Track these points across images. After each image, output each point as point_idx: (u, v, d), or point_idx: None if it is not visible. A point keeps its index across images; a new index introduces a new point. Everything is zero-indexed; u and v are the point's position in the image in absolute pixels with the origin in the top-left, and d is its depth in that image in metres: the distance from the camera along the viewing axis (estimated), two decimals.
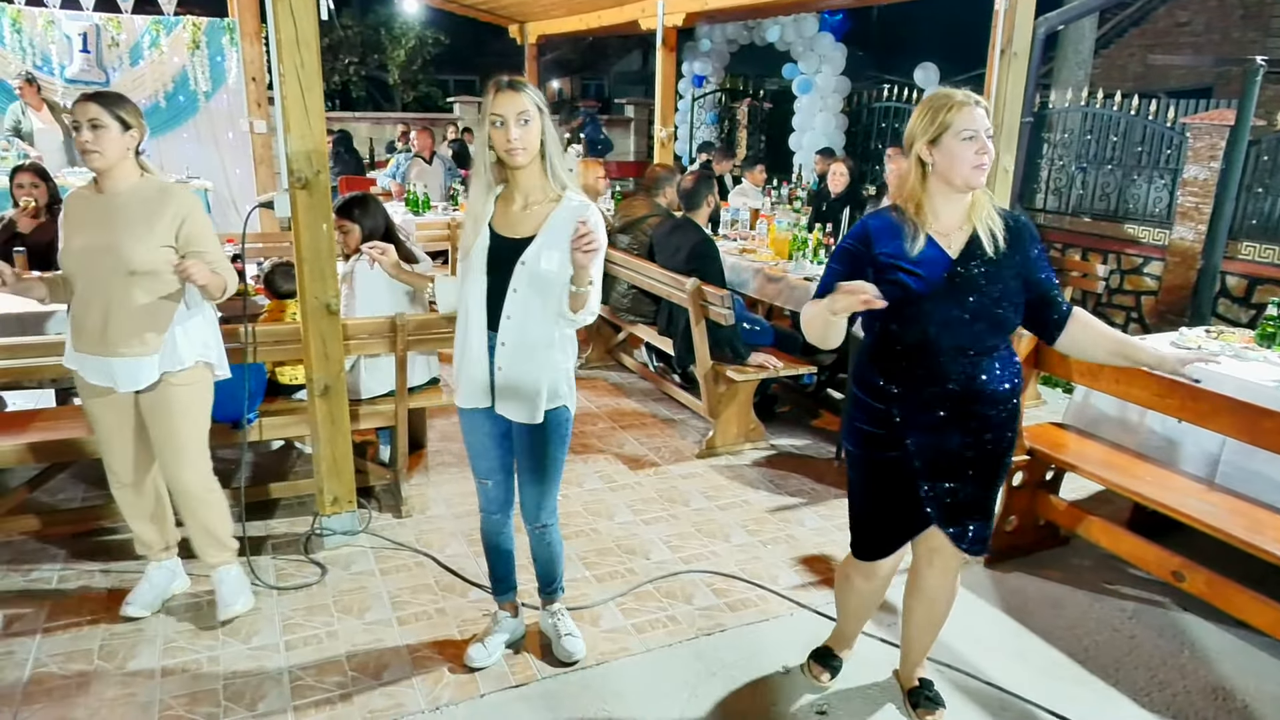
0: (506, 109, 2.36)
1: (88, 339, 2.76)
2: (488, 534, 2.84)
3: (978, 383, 2.26)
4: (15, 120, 7.79)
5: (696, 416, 5.06)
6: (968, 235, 2.25)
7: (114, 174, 2.71)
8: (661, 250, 4.94)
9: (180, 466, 2.89)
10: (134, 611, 3.04)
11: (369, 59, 18.90)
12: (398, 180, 8.51)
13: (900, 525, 2.44)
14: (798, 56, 11.46)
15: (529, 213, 2.49)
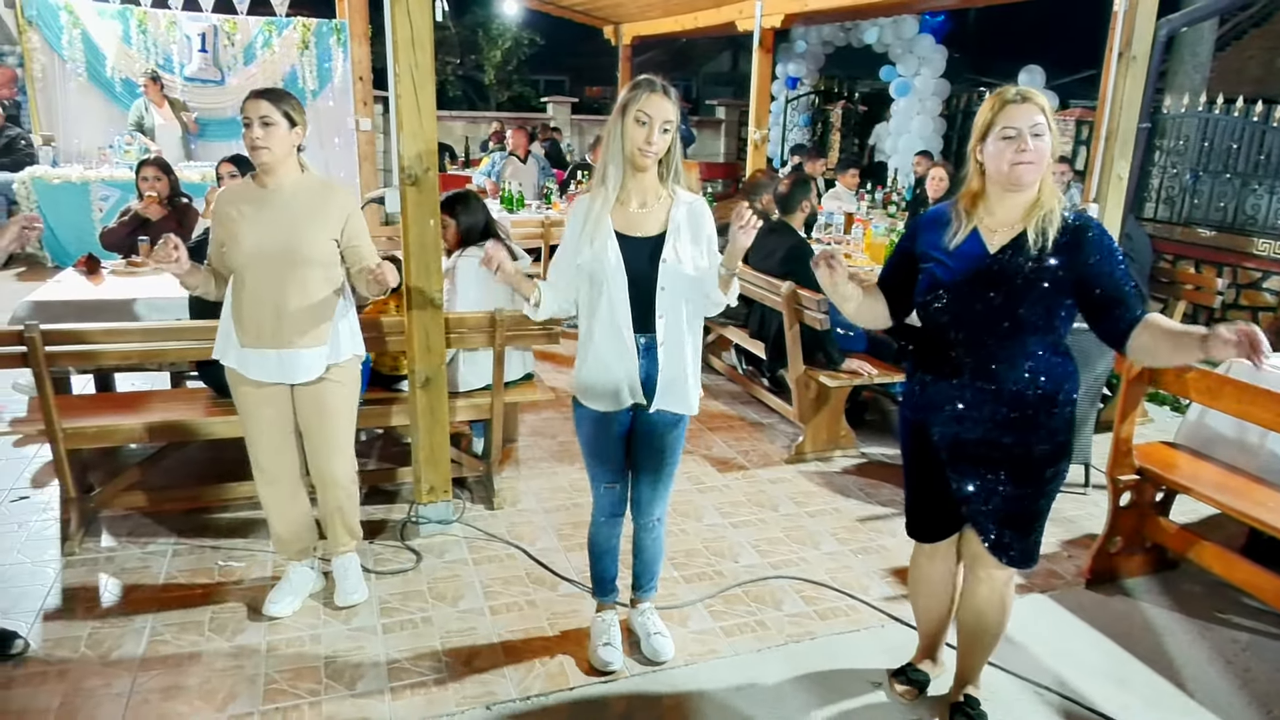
0: (655, 112, 2.39)
1: (258, 333, 2.82)
2: (603, 539, 2.84)
3: (998, 380, 2.25)
4: (139, 116, 8.22)
5: (785, 421, 5.01)
6: (1015, 234, 2.23)
7: (279, 170, 2.79)
8: (756, 253, 4.91)
9: (332, 456, 3.00)
10: (276, 611, 3.06)
11: (466, 59, 19.30)
12: (492, 179, 8.68)
13: (938, 512, 2.49)
14: (896, 58, 11.26)
15: (647, 212, 2.53)
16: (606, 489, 2.76)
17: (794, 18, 7.73)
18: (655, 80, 2.43)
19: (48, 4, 8.51)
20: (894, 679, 2.80)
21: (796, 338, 4.41)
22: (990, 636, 2.57)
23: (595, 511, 2.83)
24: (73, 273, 4.57)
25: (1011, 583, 2.51)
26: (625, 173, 2.50)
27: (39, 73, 8.66)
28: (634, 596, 3.00)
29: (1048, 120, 2.17)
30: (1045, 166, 2.19)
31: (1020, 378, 2.25)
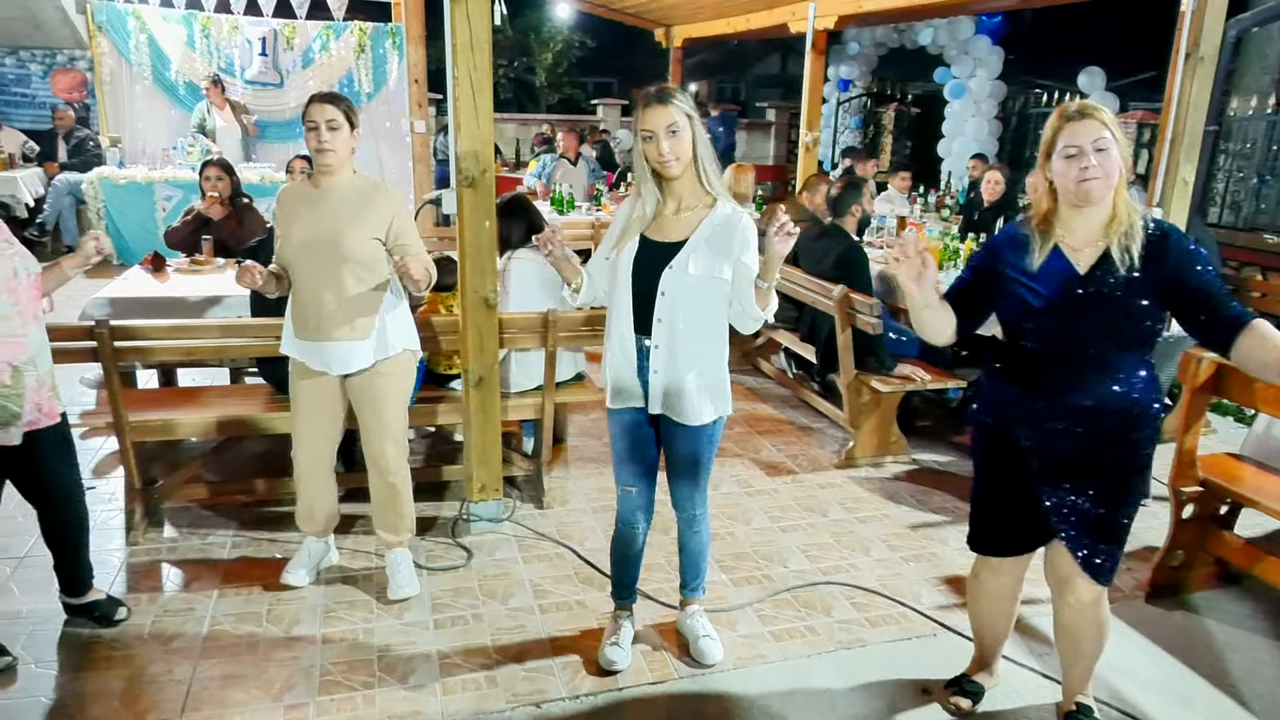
0: (655, 123, 2.41)
1: (304, 325, 2.97)
2: (624, 542, 2.84)
3: (1092, 395, 2.20)
4: (200, 118, 8.44)
5: (835, 425, 4.97)
6: (1100, 252, 2.18)
7: (339, 171, 2.92)
8: (807, 256, 4.88)
9: (383, 440, 3.08)
10: (293, 580, 3.24)
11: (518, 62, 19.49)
12: (543, 180, 8.74)
13: (1013, 526, 2.43)
14: (951, 60, 11.11)
15: (681, 218, 2.54)
16: (624, 491, 2.76)
17: (848, 19, 7.66)
18: (651, 91, 2.44)
19: (117, 10, 8.78)
20: (948, 689, 2.76)
21: (848, 342, 4.37)
22: (1091, 652, 2.52)
23: (618, 515, 2.83)
24: (139, 270, 4.71)
25: (1104, 601, 2.43)
26: (664, 182, 2.52)
27: (107, 77, 8.94)
28: (682, 597, 3.00)
29: (1112, 132, 2.12)
30: (1115, 179, 2.13)
31: (1114, 392, 2.20)
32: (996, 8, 9.04)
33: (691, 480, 2.73)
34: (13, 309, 2.56)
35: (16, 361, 2.56)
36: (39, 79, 10.28)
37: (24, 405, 2.60)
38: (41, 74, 10.28)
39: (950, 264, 5.22)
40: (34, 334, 2.64)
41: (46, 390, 2.69)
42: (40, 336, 2.67)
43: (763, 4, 8.31)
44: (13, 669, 2.76)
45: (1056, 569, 2.42)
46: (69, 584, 2.97)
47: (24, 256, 2.64)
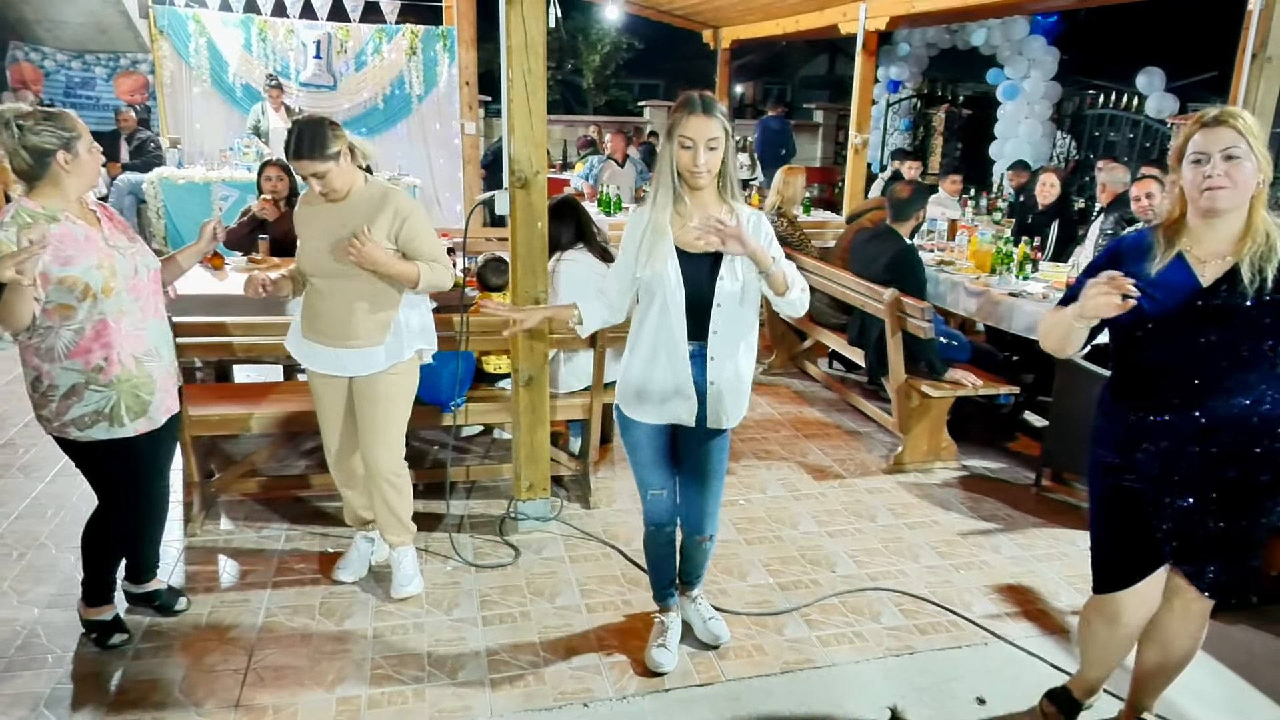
0: (697, 133, 2.39)
1: (318, 330, 3.01)
2: (659, 545, 2.86)
3: (1211, 414, 2.10)
4: (256, 120, 8.61)
5: (883, 430, 4.92)
6: (1228, 267, 2.06)
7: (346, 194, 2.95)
8: (858, 259, 4.84)
9: (376, 448, 3.09)
10: (344, 577, 3.30)
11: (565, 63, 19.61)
12: (590, 182, 8.78)
13: (1133, 557, 2.31)
14: (1004, 61, 10.93)
15: None
16: (654, 496, 2.76)
17: (899, 20, 7.58)
18: (696, 99, 2.42)
19: (178, 14, 9.00)
20: (1047, 703, 2.68)
21: (898, 346, 4.32)
22: (1177, 667, 2.44)
23: (646, 519, 2.84)
24: (199, 268, 4.82)
25: (1206, 614, 2.34)
26: (679, 192, 2.50)
27: (168, 79, 9.16)
28: (684, 585, 3.02)
29: (1249, 142, 2.01)
30: (1244, 192, 2.03)
31: (1237, 411, 2.10)
32: (1052, 7, 8.88)
33: (707, 496, 2.74)
34: (134, 304, 2.66)
35: (138, 353, 2.67)
36: (103, 82, 10.61)
37: (155, 393, 2.72)
38: (106, 77, 10.61)
39: (1004, 268, 5.13)
40: (154, 327, 2.75)
41: (173, 380, 2.84)
42: (161, 329, 2.79)
43: (813, 5, 8.26)
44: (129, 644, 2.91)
45: (1168, 579, 2.33)
46: (135, 571, 3.06)
47: (144, 254, 2.74)
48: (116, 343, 2.61)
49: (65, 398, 2.59)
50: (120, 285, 2.61)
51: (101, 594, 2.92)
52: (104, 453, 2.69)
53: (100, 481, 2.80)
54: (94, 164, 2.60)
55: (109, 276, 2.57)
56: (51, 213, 2.50)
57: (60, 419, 2.61)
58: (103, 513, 2.85)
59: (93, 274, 2.53)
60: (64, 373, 2.57)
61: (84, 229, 2.56)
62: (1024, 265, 5.08)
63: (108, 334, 2.59)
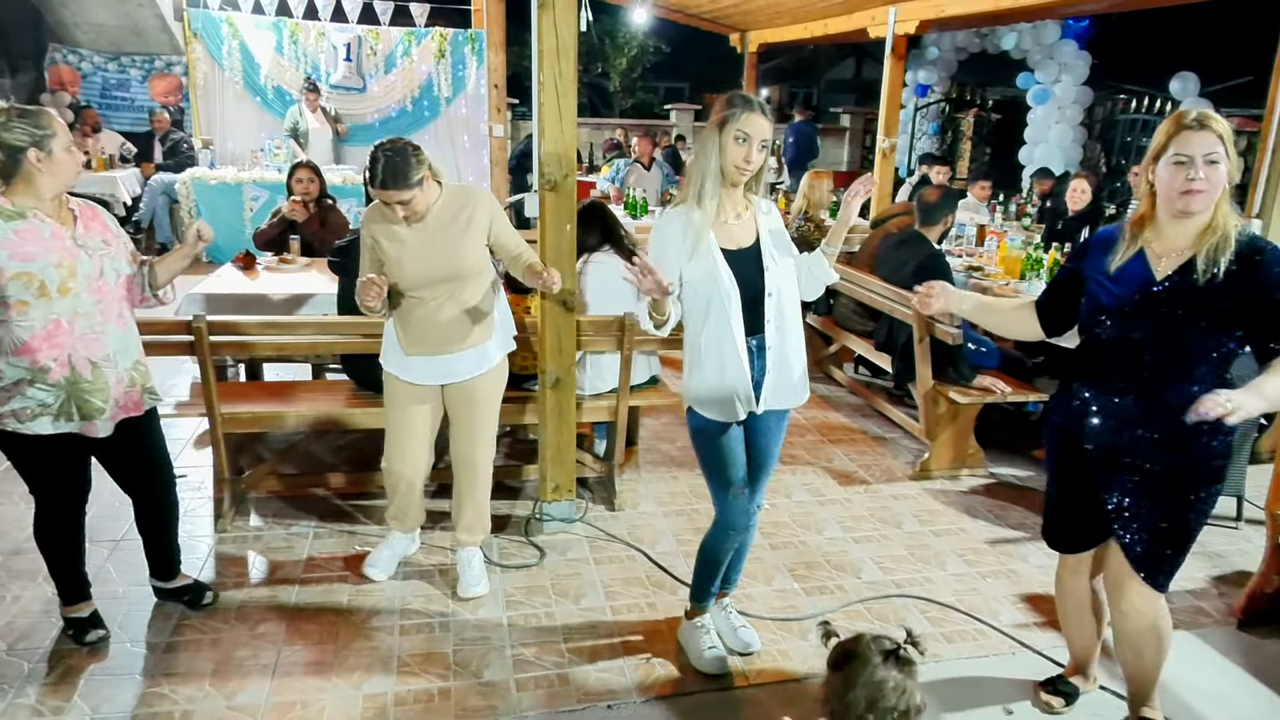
0: (754, 130, 2.45)
1: (422, 342, 3.00)
2: (725, 552, 2.78)
3: (1159, 402, 2.21)
4: (294, 122, 8.72)
5: (909, 436, 4.89)
6: (1185, 259, 2.17)
7: None
8: (885, 264, 4.82)
9: (478, 446, 3.16)
10: (375, 574, 3.32)
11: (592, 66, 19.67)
12: (616, 185, 8.80)
13: (1081, 522, 2.48)
14: (1035, 65, 10.84)
15: (741, 224, 2.59)
16: (735, 494, 2.68)
17: (929, 24, 7.53)
18: (753, 98, 2.47)
19: (211, 17, 9.13)
20: (1042, 688, 2.77)
21: (926, 352, 4.30)
22: (1153, 668, 2.50)
23: (724, 522, 2.73)
24: (231, 268, 4.89)
25: (1163, 610, 2.41)
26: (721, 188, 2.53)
27: (201, 81, 9.30)
28: (719, 591, 3.00)
29: (1226, 148, 2.10)
30: (1218, 194, 2.12)
31: (1180, 400, 2.15)
32: (1085, 11, 8.80)
33: (764, 474, 2.78)
34: (95, 306, 2.62)
35: (94, 358, 2.62)
36: (138, 84, 10.78)
37: (108, 400, 2.67)
38: (140, 79, 10.77)
39: (1033, 274, 5.09)
40: (113, 332, 2.68)
41: (125, 387, 2.73)
42: (122, 336, 2.72)
43: (841, 9, 8.23)
44: (105, 642, 2.90)
45: (1111, 571, 2.44)
46: (159, 568, 3.10)
47: (116, 259, 2.69)
48: (69, 344, 2.57)
49: (4, 390, 2.55)
50: (80, 286, 2.57)
51: (73, 592, 2.92)
52: (44, 447, 2.64)
53: (37, 478, 2.74)
54: (70, 163, 2.55)
55: (67, 276, 2.54)
56: (20, 209, 2.51)
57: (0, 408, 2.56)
58: (41, 512, 2.80)
59: (49, 272, 2.51)
60: (9, 367, 2.54)
61: (51, 227, 2.55)
62: (1054, 271, 5.03)
63: (60, 335, 2.55)
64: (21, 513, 3.68)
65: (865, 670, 1.57)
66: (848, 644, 1.63)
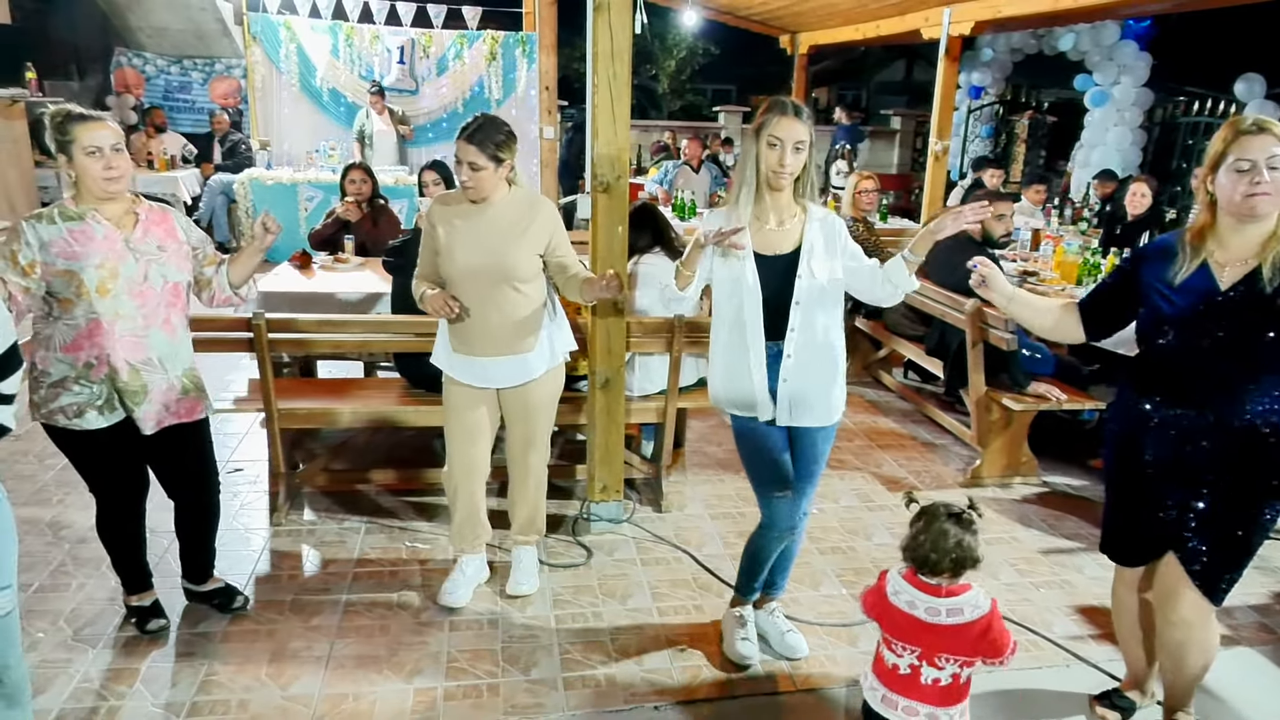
0: (787, 134, 2.45)
1: (467, 342, 2.99)
2: (769, 553, 2.80)
3: (1224, 414, 2.17)
4: (361, 125, 8.90)
5: (959, 442, 4.82)
6: (1250, 269, 2.14)
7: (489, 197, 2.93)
8: (938, 268, 4.74)
9: (530, 449, 3.16)
10: (452, 602, 3.17)
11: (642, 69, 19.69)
12: (664, 187, 8.81)
13: (1138, 534, 2.43)
14: (1093, 66, 10.60)
15: (783, 230, 2.58)
16: (780, 496, 2.69)
17: (984, 25, 7.43)
18: (787, 102, 2.47)
19: (270, 21, 9.33)
20: (1098, 702, 2.74)
21: (979, 357, 4.23)
22: (1194, 675, 2.47)
23: (768, 524, 2.75)
24: (288, 266, 4.99)
25: (1212, 624, 2.38)
26: (760, 193, 2.55)
27: (259, 83, 9.50)
28: (762, 596, 3.00)
29: None
30: None
31: (1249, 413, 2.16)
32: (1147, 11, 8.59)
33: (810, 483, 2.76)
34: (136, 310, 2.64)
35: (134, 360, 2.65)
36: (199, 86, 11.06)
37: (145, 401, 2.68)
38: (201, 81, 11.06)
39: (1090, 280, 4.98)
40: (158, 337, 2.69)
41: (177, 394, 2.77)
42: (169, 342, 2.73)
43: (894, 10, 8.16)
44: (166, 631, 2.98)
45: (1163, 580, 2.39)
46: (193, 571, 3.12)
47: (167, 265, 2.69)
48: (108, 345, 2.60)
49: (53, 386, 2.61)
50: (120, 288, 2.60)
51: (136, 582, 3.00)
52: (88, 448, 2.71)
53: (93, 475, 2.80)
54: (93, 167, 2.55)
55: (107, 277, 2.57)
56: (80, 211, 2.58)
57: (48, 405, 2.63)
58: (102, 509, 2.87)
59: (89, 271, 2.55)
60: (57, 364, 2.60)
61: (106, 229, 2.59)
62: None
63: (99, 334, 2.58)
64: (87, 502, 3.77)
65: (934, 523, 2.04)
66: (925, 507, 2.10)
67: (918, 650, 2.07)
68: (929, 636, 2.05)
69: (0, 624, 2.07)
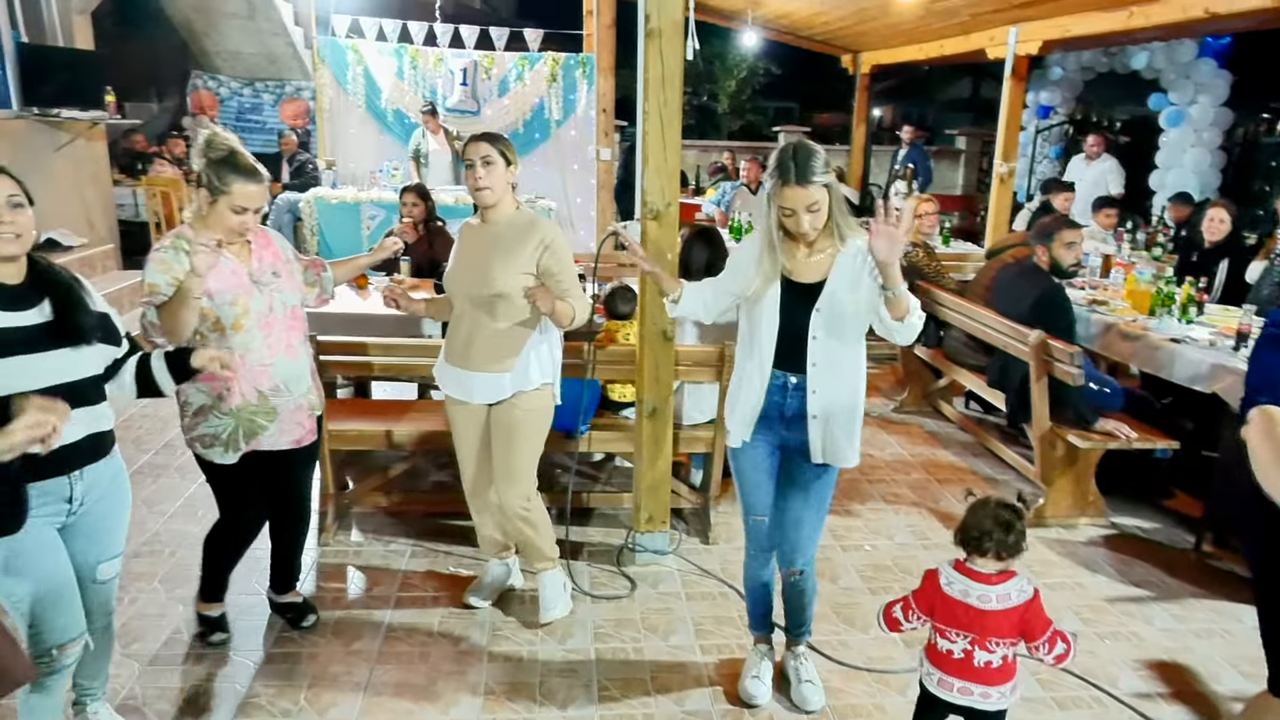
0: (797, 203, 2.39)
1: (454, 353, 3.07)
2: (756, 572, 2.87)
3: None
4: (417, 145, 9.04)
5: (1022, 478, 4.64)
6: None
7: (499, 206, 2.97)
8: (1001, 296, 4.60)
9: (507, 482, 3.09)
10: (474, 601, 3.32)
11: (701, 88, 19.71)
12: (721, 208, 8.75)
13: None
14: (1168, 85, 10.24)
15: (813, 260, 2.51)
16: (756, 521, 2.78)
17: (1052, 44, 7.22)
18: (789, 166, 2.35)
19: (338, 45, 9.55)
20: None
21: (1044, 392, 4.06)
22: None
23: (746, 543, 2.85)
24: (345, 287, 5.04)
25: None
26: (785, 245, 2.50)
27: (327, 105, 9.72)
28: (788, 639, 2.94)
29: None
30: None
31: None
32: (1226, 29, 8.27)
33: (812, 528, 2.70)
34: (263, 341, 2.72)
35: (262, 388, 2.74)
36: (270, 107, 11.38)
37: (275, 421, 2.78)
38: (272, 103, 11.37)
39: (1164, 310, 4.76)
40: (282, 363, 2.78)
41: (305, 413, 2.89)
42: (292, 365, 2.81)
43: (958, 29, 7.99)
44: (226, 645, 3.04)
45: None
46: (279, 580, 3.20)
47: (284, 291, 2.79)
48: (240, 377, 2.68)
49: (195, 415, 2.72)
50: (252, 323, 2.69)
51: (213, 592, 3.08)
52: (217, 474, 2.84)
53: (223, 499, 2.94)
54: (233, 221, 2.61)
55: (241, 314, 2.66)
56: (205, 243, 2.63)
57: (190, 434, 2.76)
58: (222, 525, 2.98)
59: (225, 309, 2.63)
60: (196, 393, 2.69)
61: (232, 263, 2.67)
62: (1188, 308, 4.70)
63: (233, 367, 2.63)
64: (142, 517, 3.88)
65: (983, 510, 2.22)
66: (978, 499, 2.27)
67: (971, 636, 2.22)
68: (981, 622, 2.21)
69: (106, 587, 2.37)
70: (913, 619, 2.35)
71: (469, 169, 2.91)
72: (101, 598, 2.37)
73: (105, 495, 2.26)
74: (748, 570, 2.88)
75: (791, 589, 2.79)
